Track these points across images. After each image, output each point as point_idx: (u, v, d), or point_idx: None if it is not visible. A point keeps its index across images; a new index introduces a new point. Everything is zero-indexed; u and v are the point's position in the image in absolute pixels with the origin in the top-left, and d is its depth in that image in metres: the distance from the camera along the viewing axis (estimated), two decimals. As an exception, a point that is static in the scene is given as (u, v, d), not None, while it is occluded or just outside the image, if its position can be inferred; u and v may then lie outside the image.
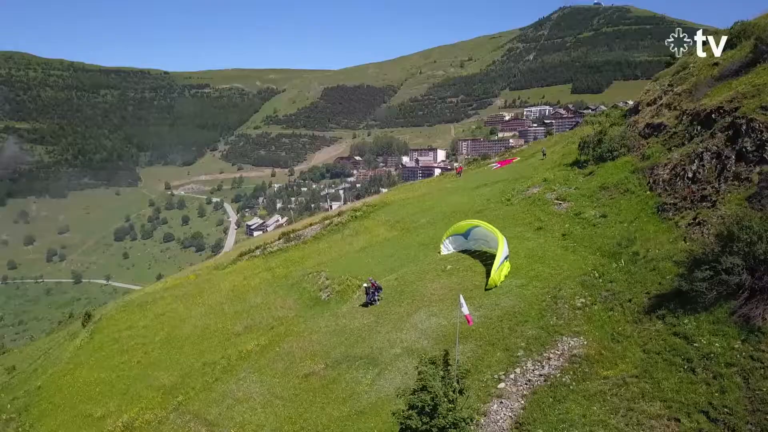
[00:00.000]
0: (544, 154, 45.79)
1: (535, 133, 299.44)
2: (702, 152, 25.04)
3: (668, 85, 39.86)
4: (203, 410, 21.99)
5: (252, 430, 19.63)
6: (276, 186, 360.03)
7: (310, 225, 48.96)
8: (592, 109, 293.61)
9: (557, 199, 32.33)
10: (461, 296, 16.22)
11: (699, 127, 28.36)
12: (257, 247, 47.81)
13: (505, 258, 24.48)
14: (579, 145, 39.24)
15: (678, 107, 33.93)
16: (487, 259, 26.34)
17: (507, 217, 32.75)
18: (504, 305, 21.54)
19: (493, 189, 40.64)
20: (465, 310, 15.71)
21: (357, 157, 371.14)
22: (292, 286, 33.52)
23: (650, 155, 31.11)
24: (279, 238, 47.95)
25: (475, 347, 19.59)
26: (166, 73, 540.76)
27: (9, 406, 30.24)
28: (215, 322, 31.35)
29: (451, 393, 14.03)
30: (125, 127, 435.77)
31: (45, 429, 25.60)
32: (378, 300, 26.04)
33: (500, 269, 23.70)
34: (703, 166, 24.51)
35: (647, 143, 33.54)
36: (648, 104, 40.81)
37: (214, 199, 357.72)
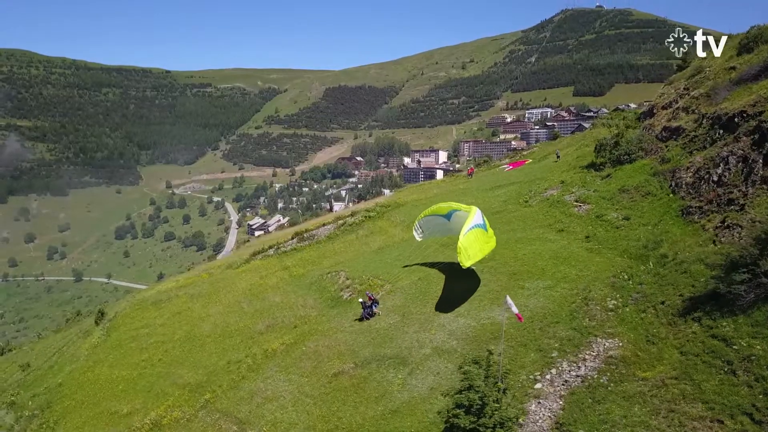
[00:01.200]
0: (558, 157, 45.93)
1: (537, 135, 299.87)
2: (727, 156, 25.17)
3: (684, 88, 40.02)
4: (232, 408, 22.06)
5: (284, 429, 19.70)
6: (277, 186, 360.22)
7: (323, 225, 49.02)
8: (594, 112, 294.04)
9: (576, 201, 32.44)
10: (507, 297, 16.34)
11: (721, 131, 28.51)
12: (270, 247, 47.87)
13: (476, 226, 23.78)
14: (595, 148, 39.39)
15: (696, 111, 34.10)
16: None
17: (526, 218, 32.88)
18: (532, 306, 21.63)
19: (509, 191, 40.75)
20: (514, 309, 15.83)
21: (358, 158, 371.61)
22: (311, 285, 33.59)
23: (670, 158, 31.26)
24: (292, 238, 48.02)
25: (506, 348, 19.63)
26: (167, 72, 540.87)
27: (30, 402, 30.28)
28: (235, 321, 31.41)
29: (495, 393, 14.14)
30: (126, 125, 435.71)
31: (70, 425, 25.67)
32: (376, 314, 25.61)
33: (469, 236, 23.03)
34: (729, 169, 24.64)
35: (666, 146, 33.70)
36: (663, 107, 40.98)
37: (215, 199, 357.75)
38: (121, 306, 44.57)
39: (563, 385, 17.03)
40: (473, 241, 23.45)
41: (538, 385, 17.25)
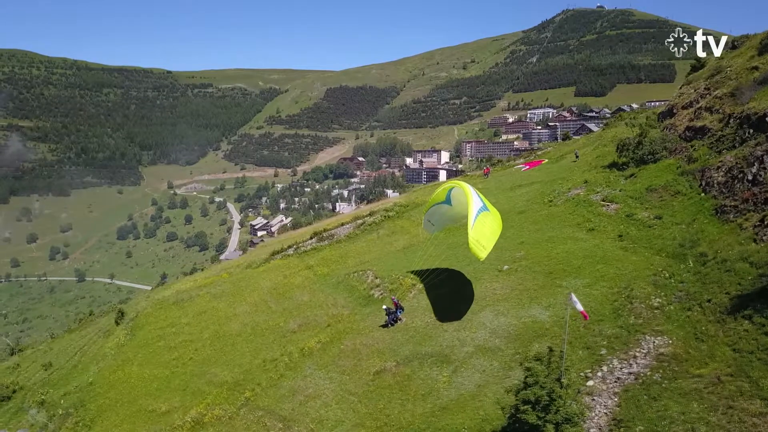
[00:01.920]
0: (577, 156, 46.08)
1: (540, 135, 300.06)
2: (762, 155, 25.30)
3: (704, 88, 40.11)
4: (274, 406, 22.18)
5: (331, 426, 19.83)
6: (279, 186, 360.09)
7: (342, 224, 49.13)
8: (596, 112, 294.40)
9: (604, 201, 32.57)
10: (572, 294, 16.46)
11: (751, 130, 28.69)
12: (289, 246, 47.97)
13: (479, 212, 23.19)
14: (617, 147, 39.55)
15: (720, 111, 34.22)
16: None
17: (553, 217, 33.01)
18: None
19: (531, 190, 40.87)
20: (579, 306, 15.97)
21: (360, 158, 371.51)
22: (338, 284, 33.70)
23: (697, 158, 31.41)
24: (311, 237, 48.15)
25: (552, 345, 19.68)
26: (168, 72, 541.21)
27: (62, 401, 30.35)
28: (264, 320, 31.51)
29: (558, 389, 14.27)
30: (128, 125, 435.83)
31: (108, 423, 25.76)
32: (400, 320, 25.37)
33: (476, 227, 22.61)
34: (765, 168, 24.76)
35: (691, 146, 33.84)
36: (683, 107, 41.13)
37: (217, 199, 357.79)
38: (142, 305, 44.62)
39: (615, 382, 17.16)
40: (482, 229, 23.06)
41: (590, 383, 17.37)
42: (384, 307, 26.14)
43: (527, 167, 52.66)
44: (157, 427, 23.60)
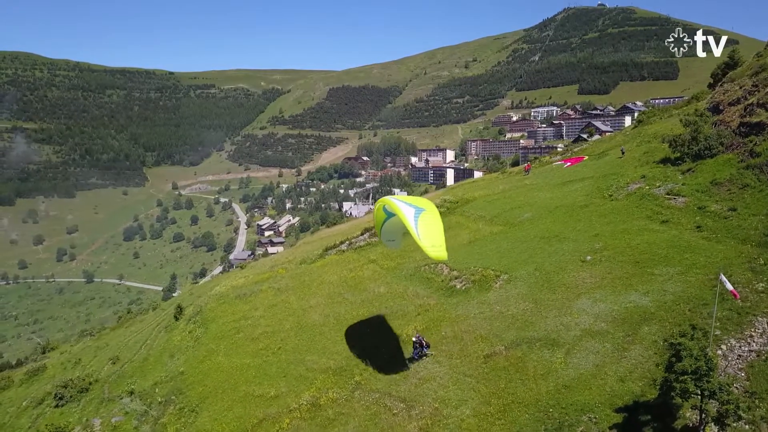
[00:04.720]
0: (623, 153, 47.31)
1: (545, 133, 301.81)
2: (837, 149, 26.62)
3: (752, 85, 41.39)
4: (389, 388, 23.39)
5: (455, 405, 21.05)
6: (284, 186, 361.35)
7: (391, 221, 50.30)
8: (600, 110, 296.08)
9: (669, 194, 33.81)
10: (722, 274, 17.68)
11: (816, 126, 29.98)
12: (341, 242, 49.20)
13: (415, 217, 22.51)
14: (670, 143, 40.84)
15: (777, 107, 35.49)
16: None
17: (619, 211, 34.23)
18: (672, 291, 23.02)
19: (584, 185, 42.10)
20: (728, 285, 17.20)
21: (365, 158, 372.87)
22: (411, 276, 34.91)
23: (761, 152, 32.66)
24: (362, 233, 49.39)
25: (660, 328, 21.07)
26: (171, 73, 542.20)
27: (156, 390, 31.59)
28: (346, 310, 32.70)
29: (714, 359, 15.54)
30: (131, 127, 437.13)
31: (216, 408, 26.95)
32: (427, 356, 24.62)
33: (422, 234, 22.13)
34: (842, 161, 26.09)
35: (750, 141, 35.11)
36: (730, 104, 42.44)
37: (222, 199, 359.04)
38: (203, 301, 45.78)
39: (738, 359, 18.42)
40: (428, 233, 22.79)
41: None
42: (413, 338, 25.13)
43: (568, 164, 53.91)
44: (272, 410, 24.81)
